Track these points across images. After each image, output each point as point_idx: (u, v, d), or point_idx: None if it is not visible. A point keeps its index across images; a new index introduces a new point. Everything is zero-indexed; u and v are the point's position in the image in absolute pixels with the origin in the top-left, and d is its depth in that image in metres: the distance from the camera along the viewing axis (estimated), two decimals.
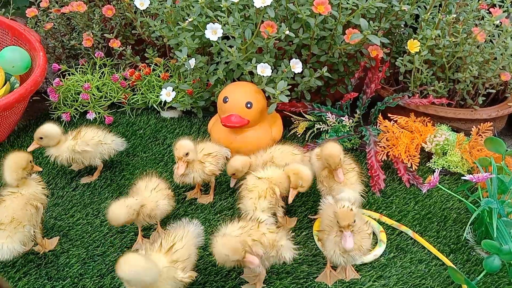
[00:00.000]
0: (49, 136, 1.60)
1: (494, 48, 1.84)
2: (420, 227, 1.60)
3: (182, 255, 1.23)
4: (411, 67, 1.86)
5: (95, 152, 1.66)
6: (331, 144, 1.49)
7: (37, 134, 1.59)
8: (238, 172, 1.58)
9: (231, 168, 1.58)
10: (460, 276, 1.33)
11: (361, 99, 1.93)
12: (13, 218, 1.31)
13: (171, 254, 1.22)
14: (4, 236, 1.29)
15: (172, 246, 1.23)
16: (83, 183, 1.71)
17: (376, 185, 1.71)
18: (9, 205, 1.33)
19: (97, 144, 1.67)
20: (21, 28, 2.03)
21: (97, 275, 1.39)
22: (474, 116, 1.90)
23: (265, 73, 1.73)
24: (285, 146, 1.67)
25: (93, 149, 1.65)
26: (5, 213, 1.31)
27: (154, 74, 2.07)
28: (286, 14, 1.83)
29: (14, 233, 1.30)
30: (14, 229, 1.30)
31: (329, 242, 1.32)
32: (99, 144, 1.67)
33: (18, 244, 1.31)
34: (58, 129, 1.62)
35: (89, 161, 1.67)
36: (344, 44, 1.81)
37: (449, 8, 1.90)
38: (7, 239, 1.29)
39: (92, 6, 2.13)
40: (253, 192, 1.45)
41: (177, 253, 1.22)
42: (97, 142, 1.67)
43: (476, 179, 1.46)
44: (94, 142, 1.66)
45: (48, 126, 1.61)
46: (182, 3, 1.85)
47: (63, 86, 2.01)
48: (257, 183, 1.47)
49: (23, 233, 1.32)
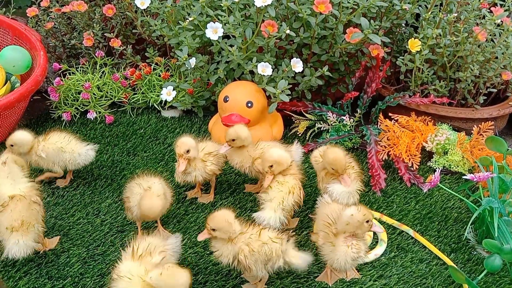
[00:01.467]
0: (19, 144, 1.55)
1: (495, 47, 1.84)
2: (421, 226, 1.59)
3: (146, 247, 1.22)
4: (412, 66, 1.86)
5: (53, 158, 1.59)
6: (334, 149, 1.46)
7: (8, 142, 1.55)
8: (238, 140, 1.54)
9: (234, 133, 1.54)
10: (461, 275, 1.33)
11: (362, 99, 1.93)
12: (23, 221, 1.32)
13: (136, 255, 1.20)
14: (19, 235, 1.32)
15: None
16: (58, 185, 1.68)
17: (377, 185, 1.71)
18: (14, 209, 1.33)
19: (58, 150, 1.59)
20: (21, 28, 2.03)
21: (98, 275, 1.39)
22: (475, 115, 1.89)
23: (266, 72, 1.73)
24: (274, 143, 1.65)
25: (51, 155, 1.58)
26: (13, 217, 1.32)
27: (154, 74, 2.07)
28: (286, 13, 1.83)
29: (27, 233, 1.33)
30: (27, 230, 1.33)
31: (338, 252, 1.31)
32: (60, 151, 1.59)
33: (32, 240, 1.34)
34: (29, 137, 1.57)
35: (46, 166, 1.61)
36: (345, 43, 1.81)
37: (450, 7, 1.89)
38: (22, 237, 1.32)
39: (92, 5, 2.13)
40: (284, 186, 1.44)
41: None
42: (58, 149, 1.59)
43: (477, 179, 1.45)
44: (54, 148, 1.58)
45: (19, 134, 1.56)
46: (183, 2, 1.85)
47: (63, 85, 2.01)
48: (287, 179, 1.46)
49: (34, 232, 1.35)
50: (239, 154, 1.58)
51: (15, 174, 1.39)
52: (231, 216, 1.25)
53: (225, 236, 1.25)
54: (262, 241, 1.25)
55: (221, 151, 1.57)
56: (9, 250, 1.32)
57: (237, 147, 1.56)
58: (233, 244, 1.25)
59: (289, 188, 1.44)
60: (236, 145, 1.55)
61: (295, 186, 1.46)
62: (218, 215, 1.25)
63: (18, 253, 1.32)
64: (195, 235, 1.52)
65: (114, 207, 1.61)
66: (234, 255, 1.25)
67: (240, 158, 1.58)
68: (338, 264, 1.32)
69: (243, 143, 1.55)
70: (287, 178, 1.47)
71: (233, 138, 1.54)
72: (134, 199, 1.43)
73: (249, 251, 1.24)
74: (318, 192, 1.59)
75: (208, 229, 1.25)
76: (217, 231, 1.24)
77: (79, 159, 1.62)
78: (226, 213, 1.25)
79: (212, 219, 1.24)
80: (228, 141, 1.55)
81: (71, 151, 1.60)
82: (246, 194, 1.69)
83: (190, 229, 1.54)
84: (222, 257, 1.27)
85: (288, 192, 1.44)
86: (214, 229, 1.24)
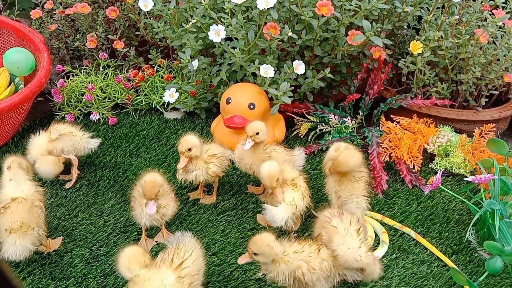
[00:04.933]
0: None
1: (497, 50, 1.84)
2: (423, 228, 1.60)
3: (191, 272, 1.21)
4: (413, 68, 1.86)
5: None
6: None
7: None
8: (261, 134, 1.53)
9: (257, 127, 1.53)
10: (462, 277, 1.33)
11: (364, 100, 1.94)
12: (22, 223, 1.32)
13: (180, 271, 1.19)
14: (17, 236, 1.32)
15: (182, 262, 1.20)
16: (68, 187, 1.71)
17: (379, 186, 1.71)
18: (15, 211, 1.33)
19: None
20: (25, 30, 2.04)
21: (101, 275, 1.40)
22: (477, 117, 1.90)
23: (268, 74, 1.74)
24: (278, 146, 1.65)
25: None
26: (13, 219, 1.32)
27: (157, 75, 2.08)
28: (289, 15, 1.84)
29: (25, 236, 1.33)
30: (25, 232, 1.32)
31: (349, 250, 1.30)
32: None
33: (30, 243, 1.34)
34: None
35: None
36: (347, 45, 1.81)
37: (452, 10, 1.90)
38: (20, 238, 1.32)
39: (96, 7, 2.14)
40: (299, 191, 1.44)
41: (185, 269, 1.20)
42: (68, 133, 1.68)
43: (478, 180, 1.46)
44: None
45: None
46: (186, 4, 1.86)
47: (67, 87, 2.02)
48: (301, 183, 1.47)
49: (33, 235, 1.34)
50: (251, 155, 1.58)
51: (19, 177, 1.39)
52: (272, 239, 1.24)
53: (267, 260, 1.24)
54: (322, 258, 1.26)
55: (246, 147, 1.54)
56: (6, 251, 1.31)
57: (251, 148, 1.56)
58: (286, 262, 1.24)
59: (302, 192, 1.45)
60: (259, 139, 1.55)
61: (306, 189, 1.47)
62: (259, 240, 1.24)
63: (14, 255, 1.31)
64: (197, 235, 1.52)
65: (117, 208, 1.62)
66: (290, 273, 1.24)
67: (251, 160, 1.58)
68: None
69: (264, 137, 1.55)
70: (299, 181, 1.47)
71: (257, 131, 1.53)
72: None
73: (309, 268, 1.24)
74: (320, 192, 1.60)
75: (250, 253, 1.24)
76: (259, 255, 1.24)
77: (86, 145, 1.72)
78: (267, 237, 1.24)
79: (253, 243, 1.24)
80: (252, 136, 1.53)
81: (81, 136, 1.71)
82: (248, 195, 1.70)
83: (192, 230, 1.54)
84: (278, 276, 1.26)
85: (302, 196, 1.44)
86: (256, 253, 1.24)
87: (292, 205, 1.42)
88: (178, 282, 1.17)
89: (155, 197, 1.38)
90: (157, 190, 1.37)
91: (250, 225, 1.58)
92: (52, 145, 1.65)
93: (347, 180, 1.47)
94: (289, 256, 1.25)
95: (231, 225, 1.58)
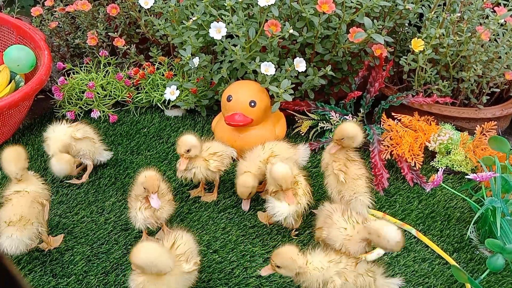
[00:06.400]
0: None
1: (498, 47, 1.84)
2: (424, 226, 1.60)
3: (183, 249, 1.26)
4: (415, 66, 1.86)
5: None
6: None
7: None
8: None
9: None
10: (463, 275, 1.33)
11: (365, 98, 1.93)
12: (22, 216, 1.32)
13: (174, 250, 1.24)
14: (14, 229, 1.31)
15: (173, 243, 1.25)
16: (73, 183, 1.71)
17: (380, 184, 1.71)
18: (16, 204, 1.34)
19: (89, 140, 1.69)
20: (26, 27, 2.04)
21: (102, 273, 1.40)
22: (478, 115, 1.89)
23: (269, 72, 1.74)
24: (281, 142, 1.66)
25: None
26: (13, 211, 1.32)
27: (158, 73, 2.07)
28: (290, 13, 1.83)
29: (23, 229, 1.32)
30: (23, 226, 1.32)
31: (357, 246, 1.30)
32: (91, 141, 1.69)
33: (27, 238, 1.33)
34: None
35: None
36: (348, 43, 1.81)
37: (453, 7, 1.89)
38: (17, 232, 1.31)
39: (96, 5, 2.14)
40: (301, 189, 1.46)
41: (179, 248, 1.25)
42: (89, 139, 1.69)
43: (480, 178, 1.46)
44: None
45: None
46: (186, 2, 1.86)
47: (67, 84, 2.02)
48: (302, 181, 1.48)
49: (31, 230, 1.34)
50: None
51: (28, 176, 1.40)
52: (295, 252, 1.23)
53: (290, 274, 1.24)
54: (358, 272, 1.24)
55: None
56: (1, 243, 1.30)
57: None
58: (321, 270, 1.23)
59: (303, 189, 1.46)
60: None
61: (307, 187, 1.48)
62: (282, 252, 1.23)
63: (10, 248, 1.30)
64: (198, 233, 1.52)
65: (118, 205, 1.62)
66: (323, 280, 1.23)
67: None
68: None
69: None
70: (299, 178, 1.48)
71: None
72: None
73: (343, 281, 1.23)
74: (321, 190, 1.60)
75: (273, 265, 1.24)
76: (281, 268, 1.23)
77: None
78: (290, 250, 1.24)
79: (276, 256, 1.23)
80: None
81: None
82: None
83: (193, 228, 1.55)
84: (311, 284, 1.25)
85: (303, 194, 1.45)
86: (279, 266, 1.23)
87: (296, 203, 1.42)
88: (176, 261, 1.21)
89: (158, 190, 1.38)
90: (159, 182, 1.39)
91: (251, 223, 1.58)
92: (73, 143, 1.65)
93: (349, 179, 1.48)
94: (323, 264, 1.24)
95: (232, 223, 1.58)
